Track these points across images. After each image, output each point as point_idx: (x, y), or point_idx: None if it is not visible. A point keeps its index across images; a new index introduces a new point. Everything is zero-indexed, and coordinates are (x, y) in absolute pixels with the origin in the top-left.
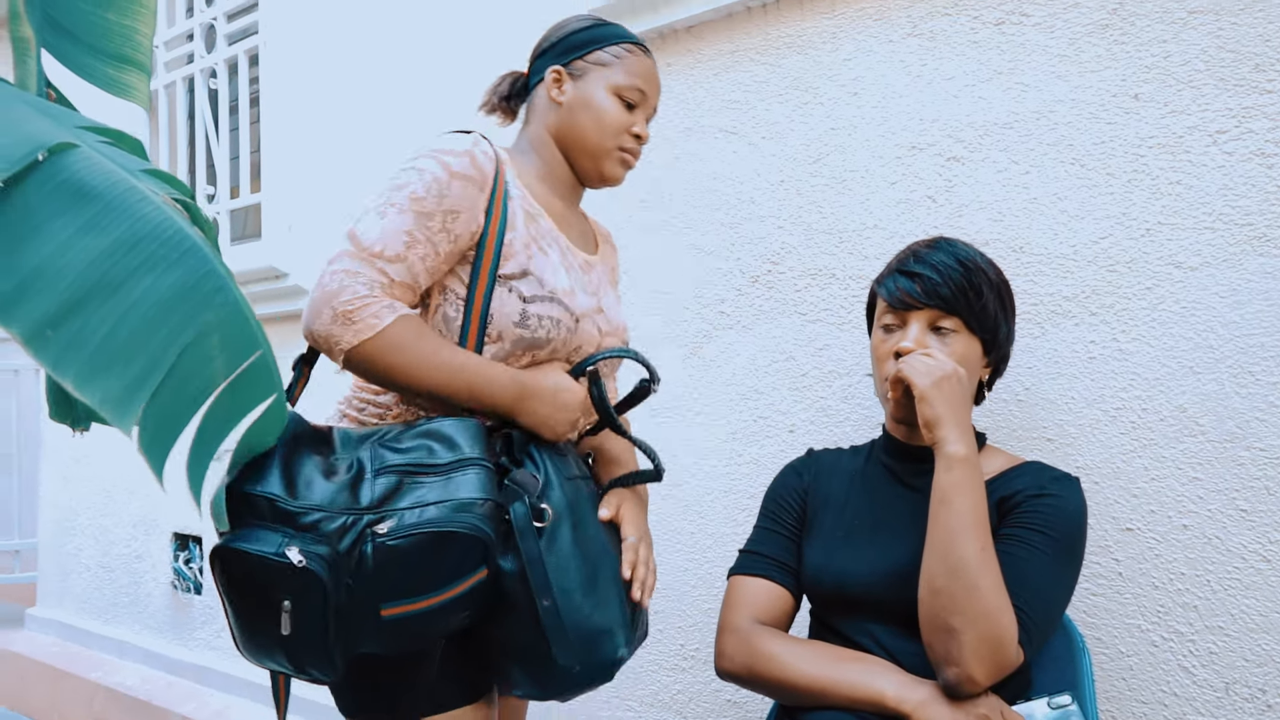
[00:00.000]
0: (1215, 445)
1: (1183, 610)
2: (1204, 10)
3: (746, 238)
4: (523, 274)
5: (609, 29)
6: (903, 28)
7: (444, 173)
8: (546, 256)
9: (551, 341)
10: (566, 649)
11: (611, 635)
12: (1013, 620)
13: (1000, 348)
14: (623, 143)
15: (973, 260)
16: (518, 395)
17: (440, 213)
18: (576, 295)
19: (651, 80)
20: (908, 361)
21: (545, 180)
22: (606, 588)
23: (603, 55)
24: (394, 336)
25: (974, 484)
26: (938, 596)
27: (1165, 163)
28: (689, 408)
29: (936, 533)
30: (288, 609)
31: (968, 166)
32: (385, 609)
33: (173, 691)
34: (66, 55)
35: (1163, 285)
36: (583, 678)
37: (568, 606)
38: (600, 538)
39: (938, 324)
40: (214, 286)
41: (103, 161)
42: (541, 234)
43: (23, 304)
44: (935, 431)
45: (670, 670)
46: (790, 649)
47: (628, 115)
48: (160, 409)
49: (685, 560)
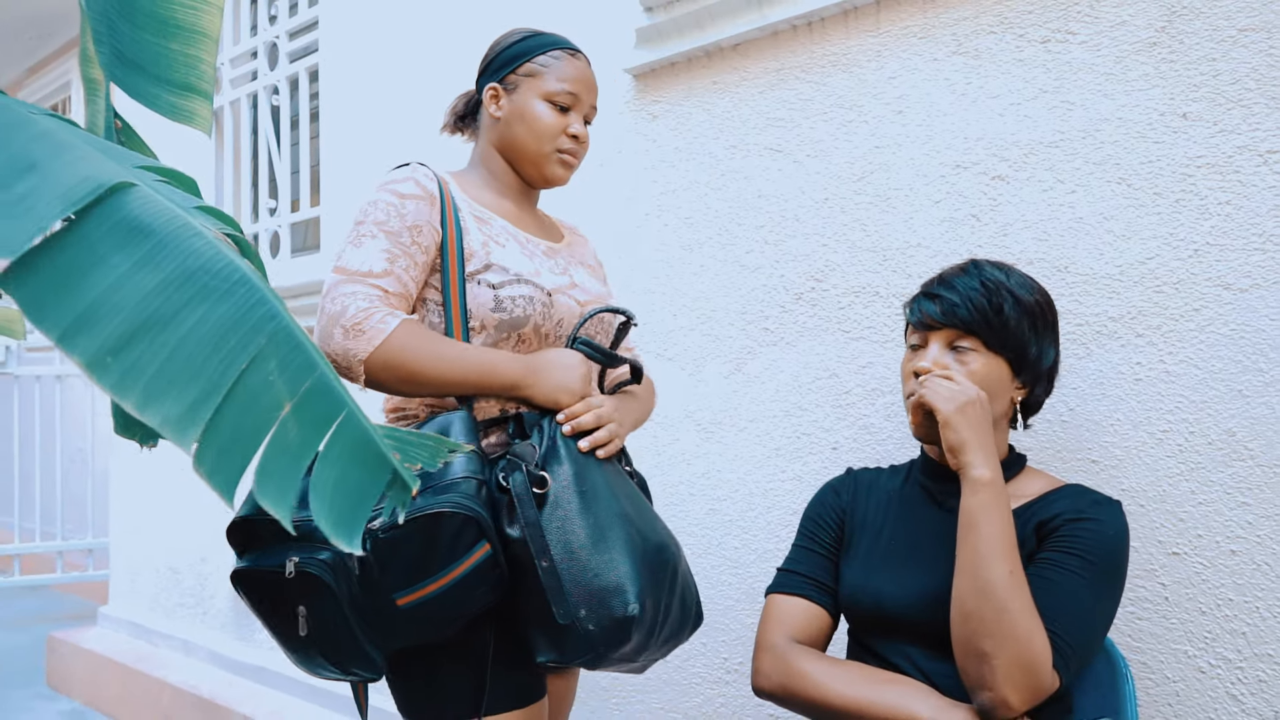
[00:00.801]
0: (1265, 470)
1: (1230, 637)
2: (1255, 28)
3: (791, 255)
4: (486, 267)
5: (536, 39)
6: (948, 46)
7: (395, 198)
8: (504, 248)
9: (531, 317)
10: (565, 606)
11: (621, 592)
12: (1045, 644)
13: (1033, 368)
14: (560, 145)
15: (997, 281)
16: (525, 370)
17: (405, 229)
18: (543, 274)
19: (582, 81)
20: (930, 386)
21: (492, 188)
22: (617, 548)
23: (532, 66)
24: (403, 338)
25: (1000, 507)
26: (968, 621)
27: (1214, 183)
28: (732, 423)
29: (965, 556)
30: (303, 614)
31: (1013, 185)
32: (400, 598)
33: (233, 691)
34: (133, 86)
35: (1210, 307)
36: (597, 637)
37: (569, 566)
38: (614, 504)
39: (956, 343)
40: (264, 314)
41: (159, 199)
42: (495, 232)
43: (84, 334)
44: (960, 456)
45: (714, 684)
46: (826, 669)
47: (562, 119)
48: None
49: (729, 575)
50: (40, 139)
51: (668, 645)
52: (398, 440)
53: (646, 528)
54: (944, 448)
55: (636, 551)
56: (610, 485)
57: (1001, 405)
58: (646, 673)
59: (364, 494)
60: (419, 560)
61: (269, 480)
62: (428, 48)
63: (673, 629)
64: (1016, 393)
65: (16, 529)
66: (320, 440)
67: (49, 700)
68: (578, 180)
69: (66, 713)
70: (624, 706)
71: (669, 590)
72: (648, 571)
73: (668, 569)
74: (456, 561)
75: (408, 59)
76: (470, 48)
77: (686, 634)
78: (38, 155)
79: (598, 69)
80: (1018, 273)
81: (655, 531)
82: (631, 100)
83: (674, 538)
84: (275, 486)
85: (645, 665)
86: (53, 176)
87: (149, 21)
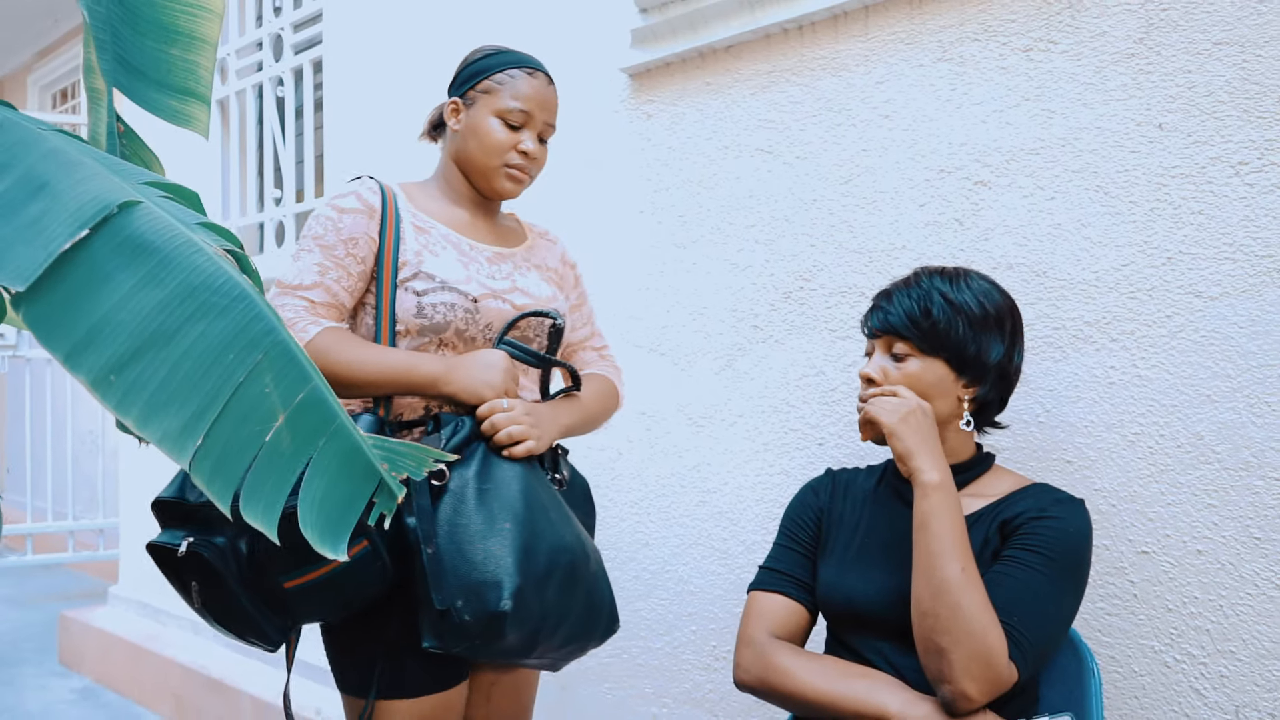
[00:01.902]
0: (1230, 473)
1: (1195, 633)
2: (1229, 42)
3: (780, 255)
4: (415, 275)
5: (498, 57)
6: (933, 52)
7: (335, 213)
8: (438, 257)
9: (452, 323)
10: (441, 593)
11: (497, 587)
12: (1000, 636)
13: (974, 366)
14: (508, 160)
15: (930, 286)
16: (445, 369)
17: (340, 243)
18: (473, 281)
19: (536, 99)
20: (873, 403)
21: (447, 196)
22: (503, 545)
23: (489, 83)
24: (320, 344)
25: (950, 508)
26: (925, 618)
27: (1188, 192)
28: (723, 418)
29: (919, 557)
30: (195, 588)
31: (994, 191)
32: (286, 582)
33: (241, 670)
34: (135, 91)
35: (1182, 314)
36: (472, 628)
37: (452, 556)
38: (513, 505)
39: (894, 349)
40: (262, 329)
41: (162, 216)
42: (432, 240)
43: (89, 353)
44: (909, 463)
45: (703, 670)
46: (801, 663)
47: (513, 135)
48: (221, 444)
49: (717, 566)
50: (49, 157)
51: (573, 646)
52: (386, 450)
53: (548, 530)
54: (894, 457)
55: (524, 551)
56: (517, 486)
57: (948, 406)
58: (638, 659)
59: (352, 502)
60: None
61: (261, 489)
62: (429, 40)
63: (574, 630)
64: (964, 391)
65: (29, 509)
66: (312, 450)
67: (61, 678)
68: (575, 177)
69: (78, 690)
70: (615, 691)
71: (563, 592)
72: (533, 572)
73: (560, 572)
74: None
75: (410, 51)
76: (470, 41)
77: (597, 638)
78: (48, 174)
79: (594, 68)
80: (977, 279)
81: (556, 535)
82: (627, 100)
83: (584, 544)
84: (266, 496)
85: (556, 663)
86: (62, 196)
87: (152, 28)
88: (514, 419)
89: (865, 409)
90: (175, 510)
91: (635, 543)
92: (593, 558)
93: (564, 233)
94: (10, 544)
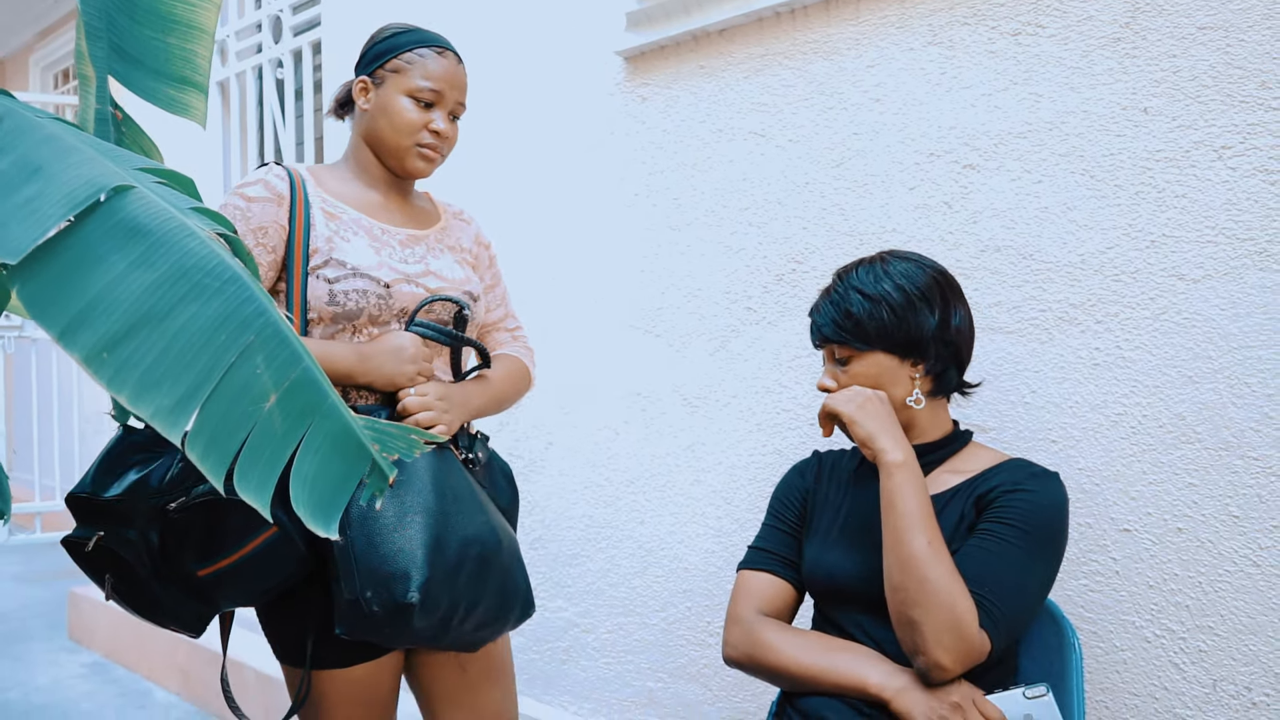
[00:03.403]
0: (1211, 453)
1: (1175, 609)
2: (1213, 26)
3: (773, 237)
4: (326, 262)
5: (407, 35)
6: (923, 36)
7: (243, 202)
8: (349, 242)
9: (364, 309)
10: (351, 584)
11: (406, 579)
12: (970, 606)
13: (915, 346)
14: (420, 139)
15: (848, 287)
16: (358, 359)
17: (250, 232)
18: (385, 267)
19: (446, 78)
20: (829, 398)
21: (359, 178)
22: (413, 538)
23: (398, 62)
24: None
25: (914, 484)
26: (896, 593)
27: (1171, 176)
28: (716, 399)
29: (887, 534)
30: (109, 580)
31: (982, 174)
32: (199, 570)
33: (245, 645)
34: (132, 80)
35: (1165, 296)
36: (381, 618)
37: (363, 548)
38: (424, 497)
39: (836, 356)
40: (253, 311)
41: (156, 201)
42: (343, 226)
43: (82, 331)
44: (871, 446)
45: (697, 645)
46: (787, 639)
47: (424, 114)
48: (213, 422)
49: (711, 543)
50: (45, 143)
51: (486, 631)
52: (376, 431)
53: (460, 521)
54: (857, 444)
55: (434, 543)
56: (430, 477)
57: (902, 390)
58: (634, 635)
59: (343, 482)
60: (210, 537)
61: (252, 469)
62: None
63: (486, 617)
64: (913, 371)
65: (37, 487)
66: (303, 430)
67: (71, 653)
68: (571, 160)
69: (88, 665)
70: (613, 665)
71: (474, 581)
72: (443, 563)
73: (470, 563)
74: (246, 540)
75: None
76: (468, 23)
77: (512, 621)
78: (43, 159)
79: (589, 51)
80: (898, 261)
81: (468, 525)
82: (622, 83)
83: (497, 533)
84: (258, 475)
85: (473, 645)
86: (56, 180)
87: (149, 17)
88: (425, 404)
89: (823, 404)
90: (88, 506)
91: (631, 521)
92: (505, 546)
93: (558, 215)
94: (19, 522)
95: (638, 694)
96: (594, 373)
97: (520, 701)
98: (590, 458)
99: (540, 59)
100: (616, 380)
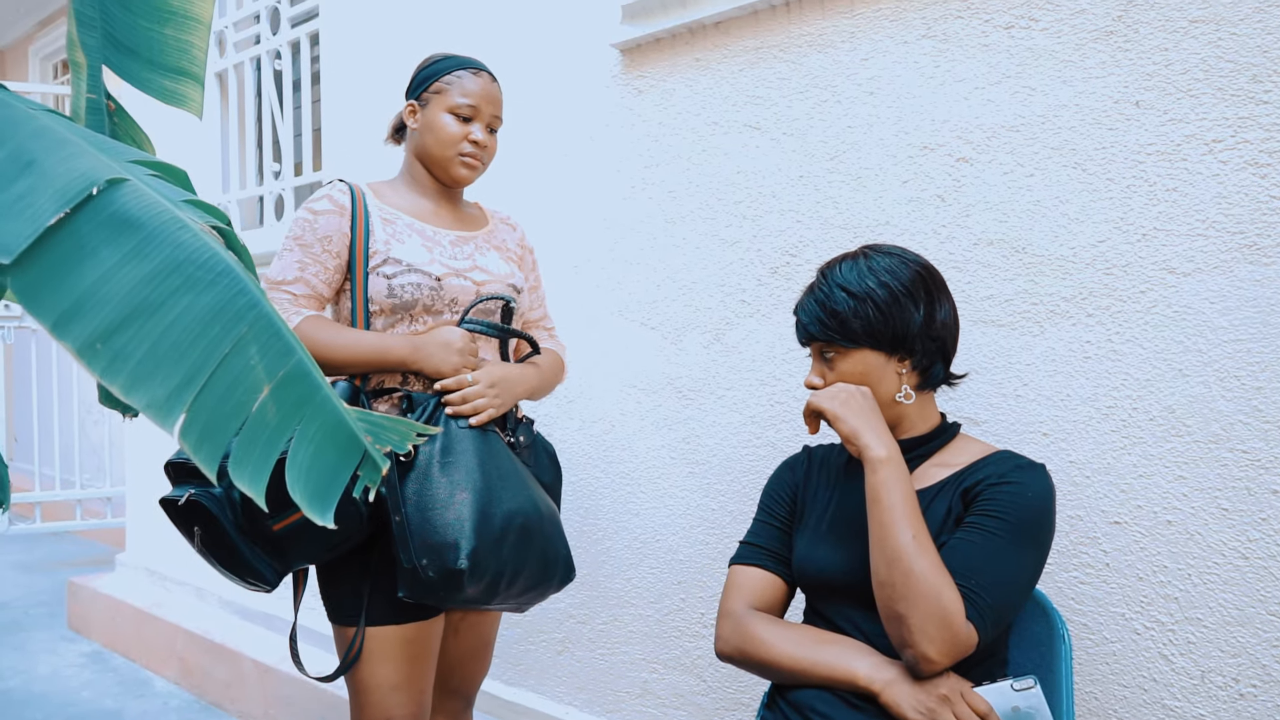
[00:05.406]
0: (1200, 446)
1: (1164, 601)
2: (1205, 20)
3: (767, 230)
4: (384, 261)
5: (445, 62)
6: (917, 29)
7: (310, 215)
8: (404, 243)
9: (419, 300)
10: (408, 554)
11: (455, 548)
12: (956, 598)
13: (900, 341)
14: (461, 150)
15: (832, 284)
16: (410, 349)
17: (316, 241)
18: (436, 263)
19: (482, 95)
20: (814, 395)
21: (412, 189)
22: (462, 512)
23: (439, 85)
24: (303, 331)
25: (899, 479)
26: (883, 587)
27: (1163, 170)
28: (711, 391)
29: (873, 530)
30: (197, 532)
31: (975, 167)
32: (274, 524)
33: (244, 635)
34: (127, 70)
35: (1156, 289)
36: (436, 582)
37: (418, 523)
38: (472, 475)
39: (823, 354)
40: (246, 303)
41: (149, 193)
42: (398, 230)
43: (75, 322)
44: (856, 442)
45: (691, 637)
46: (777, 633)
47: (464, 128)
48: (206, 413)
49: (705, 535)
50: (38, 136)
51: (532, 594)
52: (370, 423)
53: (504, 496)
54: (842, 440)
55: (480, 516)
56: (477, 457)
57: (890, 386)
58: (629, 626)
59: (337, 472)
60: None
61: (247, 458)
62: (425, 14)
63: (531, 581)
64: (900, 366)
65: (37, 476)
66: (297, 421)
67: (70, 642)
68: (567, 152)
69: (87, 654)
70: (609, 656)
71: (518, 549)
72: (488, 533)
73: (514, 533)
74: None
75: (405, 24)
76: (465, 15)
77: (555, 584)
78: (36, 152)
79: (585, 43)
80: (881, 257)
81: (512, 500)
82: (618, 75)
83: (539, 506)
84: (252, 465)
85: (520, 607)
86: (49, 173)
87: (144, 7)
88: (479, 392)
89: (808, 401)
90: (182, 469)
91: (626, 513)
92: (546, 517)
93: (555, 207)
94: (19, 512)
95: (632, 685)
96: (589, 365)
97: (516, 692)
98: (586, 450)
99: (536, 51)
100: (612, 372)
